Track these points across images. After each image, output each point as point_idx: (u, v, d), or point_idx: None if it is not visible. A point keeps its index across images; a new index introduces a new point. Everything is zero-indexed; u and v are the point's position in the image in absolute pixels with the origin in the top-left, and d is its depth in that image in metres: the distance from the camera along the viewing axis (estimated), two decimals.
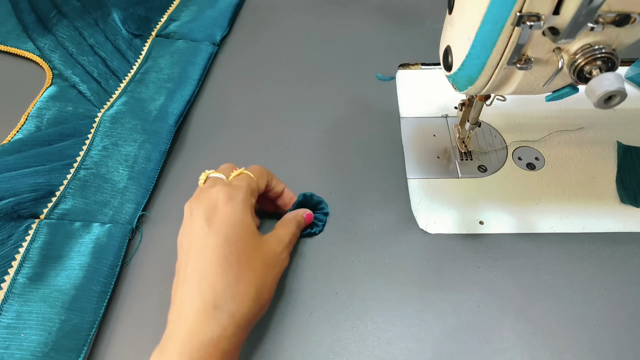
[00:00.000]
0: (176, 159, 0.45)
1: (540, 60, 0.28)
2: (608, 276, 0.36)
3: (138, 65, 0.52)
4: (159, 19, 0.57)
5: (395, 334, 0.34)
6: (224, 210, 0.29)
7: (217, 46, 0.55)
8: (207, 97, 0.51)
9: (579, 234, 0.38)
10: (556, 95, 0.30)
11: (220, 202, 0.29)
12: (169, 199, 0.42)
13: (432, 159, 0.44)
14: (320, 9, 0.60)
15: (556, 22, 0.25)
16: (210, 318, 0.26)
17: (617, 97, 0.24)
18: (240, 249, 0.28)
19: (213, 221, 0.29)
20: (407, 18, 0.59)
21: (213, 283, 0.27)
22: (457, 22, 0.30)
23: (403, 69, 0.53)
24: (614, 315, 0.34)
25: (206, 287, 0.27)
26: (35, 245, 0.37)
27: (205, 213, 0.29)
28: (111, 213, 0.40)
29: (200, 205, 0.30)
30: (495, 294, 0.35)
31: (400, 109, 0.49)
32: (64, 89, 0.50)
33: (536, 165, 0.43)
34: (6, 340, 0.32)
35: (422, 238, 0.39)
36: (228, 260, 0.28)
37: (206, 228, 0.28)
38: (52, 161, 0.42)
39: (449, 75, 0.33)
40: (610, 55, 0.26)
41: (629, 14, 0.24)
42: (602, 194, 0.41)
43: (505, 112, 0.47)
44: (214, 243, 0.28)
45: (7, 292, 0.35)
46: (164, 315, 0.35)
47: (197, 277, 0.27)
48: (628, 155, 0.43)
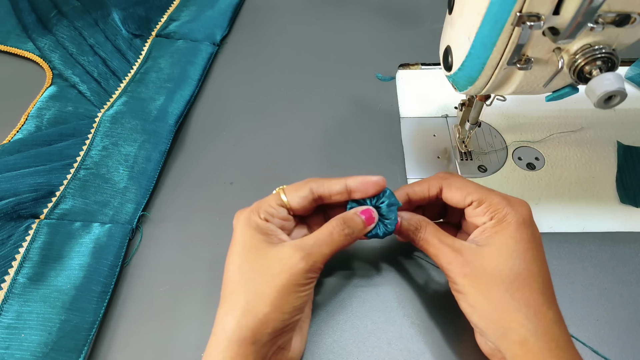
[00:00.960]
0: (176, 159, 0.45)
1: (540, 60, 0.28)
2: (608, 276, 0.36)
3: (138, 65, 0.52)
4: (159, 19, 0.57)
5: (395, 334, 0.34)
6: (233, 234, 0.31)
7: (217, 46, 0.55)
8: (207, 97, 0.51)
9: (579, 234, 0.38)
10: (556, 95, 0.30)
11: (233, 226, 0.31)
12: (169, 199, 0.42)
13: (432, 159, 0.44)
14: (320, 9, 0.60)
15: (556, 22, 0.25)
16: (212, 333, 0.28)
17: (617, 97, 0.24)
18: (237, 264, 0.29)
19: (229, 249, 0.31)
20: (407, 18, 0.59)
21: (220, 298, 0.29)
22: (457, 22, 0.30)
23: (403, 69, 0.53)
24: (614, 315, 0.34)
25: (220, 301, 0.29)
26: (35, 245, 0.37)
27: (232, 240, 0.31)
28: (111, 213, 0.40)
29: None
30: None
31: (400, 109, 0.49)
32: (64, 89, 0.50)
33: (536, 165, 0.43)
34: (6, 341, 0.32)
35: None
36: (228, 276, 0.29)
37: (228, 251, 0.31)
38: (52, 161, 0.42)
39: (449, 75, 0.33)
40: (610, 55, 0.26)
41: (629, 14, 0.24)
42: (602, 194, 0.41)
43: (505, 112, 0.47)
44: (226, 263, 0.30)
45: (7, 292, 0.35)
46: (164, 315, 0.35)
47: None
48: (628, 155, 0.43)
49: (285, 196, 0.31)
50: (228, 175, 0.44)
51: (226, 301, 0.28)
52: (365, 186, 0.31)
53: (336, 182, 0.31)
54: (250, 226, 0.30)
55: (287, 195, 0.31)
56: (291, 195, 0.31)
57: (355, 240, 0.31)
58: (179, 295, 0.36)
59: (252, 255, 0.29)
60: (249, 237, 0.29)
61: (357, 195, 0.31)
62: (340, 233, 0.30)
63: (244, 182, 0.43)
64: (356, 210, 0.31)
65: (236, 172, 0.44)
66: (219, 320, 0.28)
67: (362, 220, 0.31)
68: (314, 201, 0.32)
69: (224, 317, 0.28)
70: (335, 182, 0.32)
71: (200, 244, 0.39)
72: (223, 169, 0.44)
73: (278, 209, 0.31)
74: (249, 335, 0.27)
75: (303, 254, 0.28)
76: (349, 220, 0.30)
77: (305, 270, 0.28)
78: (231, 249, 0.30)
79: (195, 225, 0.40)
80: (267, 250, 0.29)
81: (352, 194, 0.32)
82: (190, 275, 0.37)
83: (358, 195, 0.31)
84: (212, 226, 0.40)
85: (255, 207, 0.31)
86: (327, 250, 0.29)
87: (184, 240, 0.39)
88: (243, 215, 0.31)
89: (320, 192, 0.31)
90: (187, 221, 0.40)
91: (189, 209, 0.41)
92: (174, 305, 0.36)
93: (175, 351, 0.33)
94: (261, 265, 0.28)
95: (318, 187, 0.31)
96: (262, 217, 0.30)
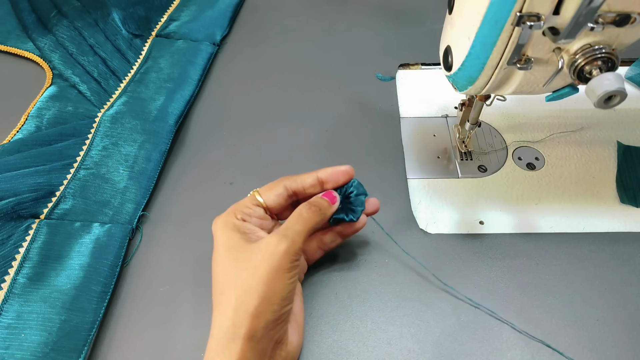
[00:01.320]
0: (176, 159, 0.45)
1: (540, 60, 0.28)
2: (608, 276, 0.36)
3: (138, 65, 0.52)
4: (159, 19, 0.57)
5: (395, 334, 0.34)
6: (214, 239, 0.32)
7: (217, 46, 0.55)
8: (207, 97, 0.51)
9: (579, 234, 0.38)
10: (556, 95, 0.30)
11: (212, 232, 0.32)
12: (169, 199, 0.42)
13: (432, 159, 0.44)
14: (320, 9, 0.60)
15: (556, 22, 0.25)
16: (210, 335, 0.29)
17: (617, 97, 0.24)
18: (222, 265, 0.30)
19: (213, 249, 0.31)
20: (407, 18, 0.59)
21: (212, 301, 0.30)
22: (457, 22, 0.30)
23: (403, 69, 0.53)
24: (614, 315, 0.34)
25: (212, 304, 0.30)
26: (36, 245, 0.37)
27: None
28: (111, 213, 0.40)
29: None
30: (495, 294, 0.35)
31: (400, 109, 0.49)
32: (64, 89, 0.50)
33: (536, 165, 0.43)
34: (6, 341, 0.32)
35: (422, 238, 0.39)
36: (216, 278, 0.30)
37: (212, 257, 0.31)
38: (52, 161, 0.42)
39: (449, 75, 0.33)
40: (610, 55, 0.26)
41: (629, 14, 0.24)
42: (602, 194, 0.41)
43: (505, 112, 0.47)
44: (212, 268, 0.31)
45: (7, 292, 0.34)
46: (164, 315, 0.35)
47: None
48: (628, 155, 0.43)
49: (260, 196, 0.33)
50: (228, 175, 0.44)
51: (217, 302, 0.29)
52: (335, 176, 0.33)
53: (308, 176, 0.33)
54: (228, 227, 0.31)
55: (262, 195, 0.33)
56: (266, 194, 0.33)
57: (325, 218, 0.32)
58: (179, 295, 0.36)
59: (234, 253, 0.30)
60: (228, 238, 0.30)
61: (329, 186, 0.34)
62: (308, 211, 0.31)
63: (244, 182, 0.43)
64: (319, 195, 0.33)
65: (236, 172, 0.44)
66: (214, 321, 0.29)
67: (326, 200, 0.33)
68: (289, 197, 0.34)
69: (219, 317, 0.28)
70: (307, 176, 0.34)
71: (201, 244, 0.39)
72: (223, 169, 0.44)
73: (254, 209, 0.33)
74: (244, 331, 0.27)
75: (279, 236, 0.29)
76: (314, 201, 0.32)
77: (285, 251, 0.29)
78: (214, 253, 0.31)
79: (195, 225, 0.40)
80: (247, 246, 0.30)
81: (324, 185, 0.34)
82: (190, 275, 0.37)
83: (330, 185, 0.34)
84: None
85: (231, 210, 0.32)
86: (300, 227, 0.30)
87: (184, 240, 0.39)
88: (220, 219, 0.32)
89: (294, 187, 0.33)
90: (187, 221, 0.40)
91: (189, 209, 0.41)
92: (174, 305, 0.36)
93: (175, 351, 0.33)
94: (244, 260, 0.29)
95: (291, 183, 0.33)
96: (239, 218, 0.32)
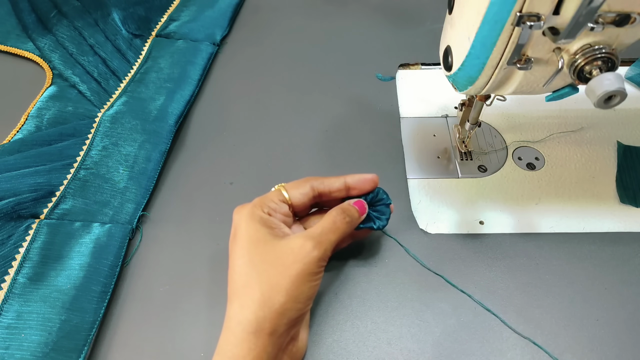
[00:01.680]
0: (176, 159, 0.45)
1: (540, 60, 0.28)
2: (608, 276, 0.36)
3: (138, 65, 0.52)
4: (159, 19, 0.57)
5: (395, 334, 0.34)
6: (233, 231, 0.32)
7: (217, 46, 0.55)
8: (207, 97, 0.51)
9: (579, 234, 0.38)
10: (556, 95, 0.30)
11: (233, 224, 0.32)
12: (169, 199, 0.42)
13: (432, 159, 0.44)
14: (320, 9, 0.60)
15: (556, 22, 0.25)
16: (225, 327, 0.29)
17: (617, 97, 0.24)
18: (246, 257, 0.30)
19: (230, 243, 0.32)
20: (407, 18, 0.59)
21: (229, 296, 0.30)
22: (457, 22, 0.30)
23: (403, 69, 0.53)
24: (614, 315, 0.34)
25: (228, 300, 0.30)
26: (36, 245, 0.37)
27: (231, 234, 0.32)
28: (111, 213, 0.40)
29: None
30: (495, 294, 0.35)
31: (400, 109, 0.49)
32: (64, 89, 0.50)
33: (536, 165, 0.43)
34: (6, 341, 0.32)
35: (422, 238, 0.39)
36: (237, 270, 0.30)
37: (229, 249, 0.31)
38: (52, 161, 0.42)
39: (449, 75, 0.33)
40: (610, 55, 0.26)
41: (629, 14, 0.24)
42: (602, 194, 0.41)
43: (505, 112, 0.47)
44: (230, 258, 0.31)
45: (7, 292, 0.35)
46: (164, 315, 0.35)
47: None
48: (628, 155, 0.43)
49: (286, 193, 0.33)
50: (228, 175, 0.44)
51: (238, 295, 0.29)
52: (362, 183, 0.34)
53: (336, 180, 0.34)
54: (254, 219, 0.31)
55: (288, 192, 0.33)
56: (293, 192, 0.33)
57: (353, 228, 0.33)
58: (179, 295, 0.36)
59: (261, 248, 0.29)
60: (254, 231, 0.30)
61: (354, 192, 0.34)
62: (342, 221, 0.32)
63: (244, 182, 0.43)
64: (350, 202, 0.34)
65: (236, 172, 0.44)
66: (232, 314, 0.28)
67: (357, 209, 0.33)
68: (313, 198, 0.34)
69: (239, 310, 0.28)
70: (335, 179, 0.34)
71: (200, 244, 0.39)
72: (223, 169, 0.44)
73: (280, 205, 0.32)
74: (267, 326, 0.27)
75: (314, 242, 0.30)
76: (347, 209, 0.33)
77: (318, 258, 0.29)
78: (236, 243, 0.30)
79: (195, 225, 0.40)
80: (276, 243, 0.30)
81: (350, 191, 0.34)
82: (190, 275, 0.37)
83: (355, 192, 0.34)
84: (212, 226, 0.40)
85: (257, 202, 0.32)
86: (334, 237, 0.31)
87: (184, 240, 0.39)
88: (245, 210, 0.31)
89: (321, 189, 0.34)
90: (187, 221, 0.41)
91: (189, 209, 0.41)
92: (174, 305, 0.36)
93: (175, 351, 0.33)
94: (273, 257, 0.29)
95: (319, 185, 0.34)
96: (266, 212, 0.31)
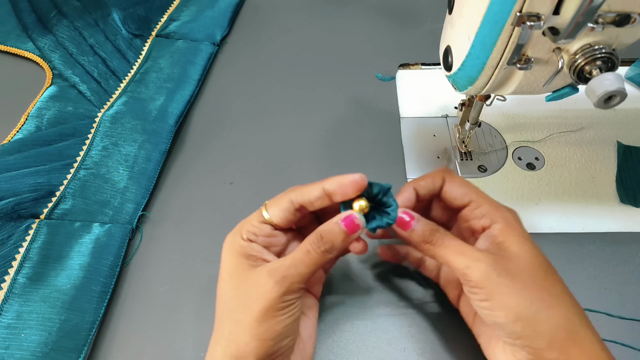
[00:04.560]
0: (176, 159, 0.45)
1: (540, 60, 0.28)
2: (608, 276, 0.36)
3: (138, 65, 0.52)
4: (159, 19, 0.57)
5: (395, 334, 0.34)
6: (221, 258, 0.30)
7: (217, 46, 0.55)
8: (207, 97, 0.51)
9: (579, 234, 0.38)
10: (556, 95, 0.30)
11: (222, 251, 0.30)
12: (169, 199, 0.42)
13: (432, 159, 0.44)
14: (320, 9, 0.60)
15: (556, 22, 0.25)
16: None
17: (617, 97, 0.24)
18: (222, 291, 0.29)
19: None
20: (407, 18, 0.59)
21: (214, 327, 0.29)
22: (457, 22, 0.30)
23: (403, 69, 0.53)
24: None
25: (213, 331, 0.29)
26: (35, 245, 0.37)
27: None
28: (111, 213, 0.40)
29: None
30: None
31: (400, 109, 0.49)
32: (64, 89, 0.50)
33: (536, 165, 0.43)
34: (6, 340, 0.32)
35: None
36: (217, 305, 0.29)
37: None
38: (52, 161, 0.42)
39: (449, 75, 0.33)
40: (610, 55, 0.26)
41: (629, 14, 0.24)
42: (602, 194, 0.41)
43: (505, 112, 0.47)
44: (217, 292, 0.29)
45: (7, 292, 0.35)
46: (164, 315, 0.35)
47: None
48: (628, 155, 0.43)
49: (266, 212, 0.29)
50: (228, 175, 0.44)
51: (215, 330, 0.28)
52: (342, 188, 0.28)
53: (313, 188, 0.28)
54: (234, 250, 0.29)
55: (268, 210, 0.29)
56: (272, 209, 0.29)
57: (339, 251, 0.28)
58: (179, 295, 0.36)
59: (234, 281, 0.28)
60: (232, 263, 0.28)
61: (337, 198, 0.28)
62: (316, 250, 0.27)
63: (244, 182, 0.43)
64: (337, 219, 0.28)
65: (236, 172, 0.44)
66: (210, 348, 0.28)
67: (342, 229, 0.27)
68: (298, 211, 0.29)
69: (214, 345, 0.28)
70: (313, 187, 0.29)
71: (200, 244, 0.39)
72: (223, 169, 0.44)
73: (260, 227, 0.29)
74: None
75: (277, 277, 0.26)
76: (327, 233, 0.27)
77: (280, 294, 0.26)
78: (219, 277, 0.29)
79: (195, 225, 0.40)
80: (248, 275, 0.27)
81: (332, 198, 0.28)
82: (190, 275, 0.37)
83: (339, 198, 0.28)
84: (212, 226, 0.40)
85: (237, 228, 0.30)
86: (305, 270, 0.27)
87: (184, 240, 0.39)
88: (228, 239, 0.30)
89: (300, 201, 0.29)
90: (187, 221, 0.41)
91: (189, 209, 0.41)
92: (174, 305, 0.36)
93: (175, 351, 0.34)
94: (242, 293, 0.27)
95: (297, 197, 0.29)
96: (245, 238, 0.29)
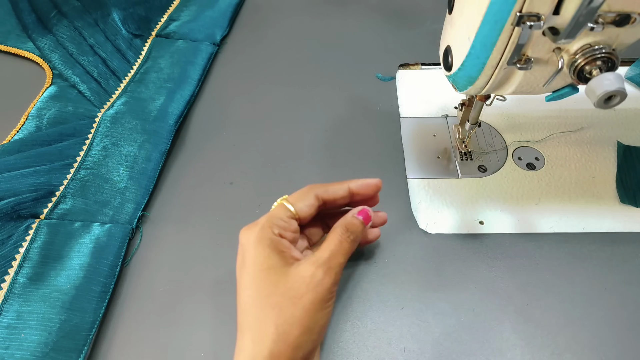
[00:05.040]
0: (176, 159, 0.45)
1: (540, 60, 0.28)
2: (608, 276, 0.36)
3: (138, 65, 0.52)
4: (159, 19, 0.57)
5: (395, 334, 0.34)
6: (241, 256, 0.30)
7: (217, 46, 0.55)
8: (207, 97, 0.51)
9: (579, 234, 0.38)
10: (556, 95, 0.30)
11: (240, 247, 0.30)
12: (169, 199, 0.42)
13: (432, 159, 0.44)
14: (320, 9, 0.60)
15: (556, 22, 0.25)
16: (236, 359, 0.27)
17: (617, 97, 0.24)
18: (256, 288, 0.28)
19: (238, 269, 0.30)
20: (407, 18, 0.59)
21: (240, 328, 0.28)
22: (457, 22, 0.30)
23: (403, 69, 0.53)
24: (614, 315, 0.34)
25: (239, 331, 0.28)
26: (35, 245, 0.37)
27: (238, 258, 0.30)
28: (111, 213, 0.40)
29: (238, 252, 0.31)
30: (495, 294, 0.35)
31: (400, 109, 0.49)
32: (64, 89, 0.50)
33: (536, 165, 0.43)
34: (6, 341, 0.32)
35: (422, 238, 0.39)
36: (248, 301, 0.28)
37: (237, 275, 0.30)
38: (52, 161, 0.42)
39: (449, 75, 0.33)
40: (610, 55, 0.26)
41: (629, 14, 0.24)
42: (602, 194, 0.41)
43: (505, 112, 0.47)
44: (239, 287, 0.29)
45: (7, 292, 0.35)
46: (164, 315, 0.35)
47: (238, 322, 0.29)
48: (628, 155, 0.43)
49: (292, 207, 0.31)
50: (228, 175, 0.44)
51: (251, 328, 0.27)
52: (365, 188, 0.33)
53: (340, 187, 0.32)
54: (265, 245, 0.28)
55: (294, 205, 0.31)
56: (298, 204, 0.31)
57: (358, 243, 0.32)
58: (179, 295, 0.36)
59: (272, 277, 0.28)
60: (265, 258, 0.28)
61: (357, 198, 0.33)
62: (347, 240, 0.30)
63: (244, 182, 0.43)
64: (353, 213, 0.32)
65: (236, 172, 0.44)
66: (244, 347, 0.27)
67: (361, 221, 0.32)
68: (319, 208, 0.32)
69: (252, 344, 0.27)
70: (339, 186, 0.32)
71: (200, 244, 0.39)
72: (223, 169, 0.44)
73: (289, 222, 0.30)
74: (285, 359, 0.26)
75: (325, 268, 0.28)
76: (350, 225, 0.31)
77: (330, 285, 0.28)
78: (245, 271, 0.28)
79: (195, 225, 0.40)
80: (286, 271, 0.28)
81: (354, 197, 0.33)
82: (190, 275, 0.37)
83: (359, 197, 0.33)
84: (212, 226, 0.40)
85: (266, 222, 0.30)
86: (343, 259, 0.30)
87: (184, 240, 0.39)
88: (254, 233, 0.29)
89: (326, 197, 0.32)
90: (187, 221, 0.40)
91: (189, 209, 0.41)
92: (174, 305, 0.36)
93: (175, 351, 0.33)
94: (285, 287, 0.27)
95: (323, 193, 0.32)
96: (277, 233, 0.29)
